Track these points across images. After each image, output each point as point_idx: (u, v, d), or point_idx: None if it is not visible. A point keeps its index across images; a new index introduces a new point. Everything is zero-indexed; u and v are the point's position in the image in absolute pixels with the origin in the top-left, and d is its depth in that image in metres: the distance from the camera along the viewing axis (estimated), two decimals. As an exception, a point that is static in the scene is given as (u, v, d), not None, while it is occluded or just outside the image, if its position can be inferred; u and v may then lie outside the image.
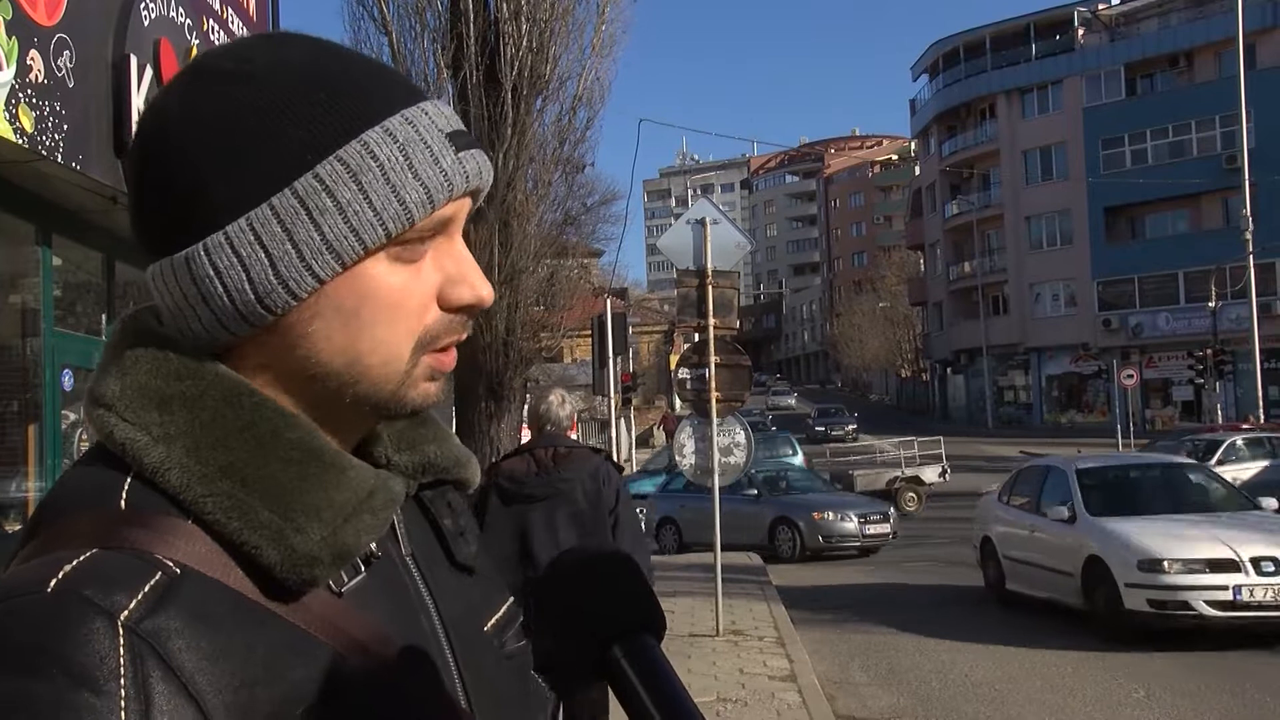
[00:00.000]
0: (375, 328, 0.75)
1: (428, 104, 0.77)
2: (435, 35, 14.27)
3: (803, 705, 7.10)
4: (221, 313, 0.73)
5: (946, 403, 59.76)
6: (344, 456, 0.76)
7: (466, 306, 0.79)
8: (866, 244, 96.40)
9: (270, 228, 0.72)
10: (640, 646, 0.78)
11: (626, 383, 28.53)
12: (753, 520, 17.79)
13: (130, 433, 0.72)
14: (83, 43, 6.05)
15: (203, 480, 0.71)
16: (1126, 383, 33.52)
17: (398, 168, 0.73)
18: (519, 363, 15.25)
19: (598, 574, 0.82)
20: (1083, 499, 10.58)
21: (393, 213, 0.73)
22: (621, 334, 20.94)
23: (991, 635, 10.08)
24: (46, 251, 6.84)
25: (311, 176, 0.72)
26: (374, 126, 0.74)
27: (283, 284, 0.72)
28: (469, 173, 0.77)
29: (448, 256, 0.78)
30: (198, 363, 0.75)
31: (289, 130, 0.72)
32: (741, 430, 9.91)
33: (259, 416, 0.74)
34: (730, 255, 9.99)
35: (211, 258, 0.73)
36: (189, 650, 0.64)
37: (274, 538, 0.70)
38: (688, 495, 18.49)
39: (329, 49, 0.78)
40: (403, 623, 0.78)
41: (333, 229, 0.72)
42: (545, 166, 15.00)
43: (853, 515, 17.36)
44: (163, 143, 0.74)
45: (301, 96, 0.73)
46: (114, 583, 0.64)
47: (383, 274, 0.75)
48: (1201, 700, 7.67)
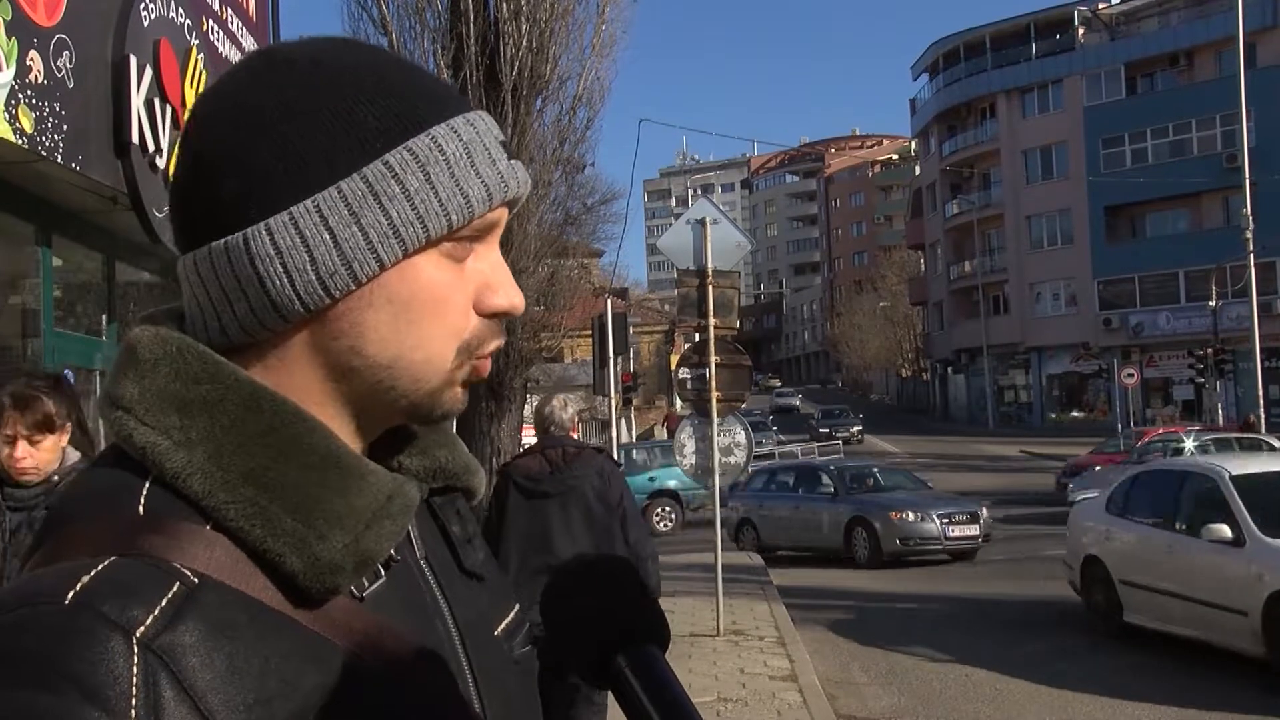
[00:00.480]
0: (422, 324, 0.76)
1: (483, 113, 0.80)
2: (435, 35, 14.28)
3: (803, 705, 7.10)
4: (278, 294, 0.73)
5: (947, 402, 59.77)
6: (363, 462, 0.76)
7: (501, 312, 0.80)
8: (867, 244, 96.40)
9: (338, 210, 0.73)
10: (644, 657, 0.78)
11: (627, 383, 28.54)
12: (828, 521, 16.64)
13: (151, 437, 0.72)
14: (82, 43, 6.05)
15: (225, 486, 0.70)
16: (1127, 382, 33.55)
17: (462, 163, 0.76)
18: (519, 363, 15.25)
19: (602, 584, 0.82)
20: (1249, 515, 8.17)
21: (456, 205, 0.75)
22: (622, 334, 20.93)
23: (992, 635, 10.07)
24: (46, 252, 6.84)
25: (380, 164, 0.74)
26: (441, 123, 0.76)
27: (346, 265, 0.73)
28: (520, 179, 0.80)
29: (485, 262, 0.80)
30: (216, 365, 0.74)
31: (361, 118, 0.74)
32: (741, 430, 9.91)
33: (280, 421, 0.73)
34: (730, 255, 9.99)
35: (275, 237, 0.73)
36: (203, 668, 0.64)
37: (297, 545, 0.70)
38: (766, 495, 17.99)
39: (394, 56, 0.81)
40: (420, 627, 0.79)
41: (400, 214, 0.73)
42: (545, 166, 15.01)
43: (934, 515, 15.68)
44: (225, 123, 0.75)
45: (372, 88, 0.75)
46: (131, 595, 0.64)
47: (434, 269, 0.76)
48: (1202, 700, 7.65)
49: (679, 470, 12.78)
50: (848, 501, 16.69)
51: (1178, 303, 43.12)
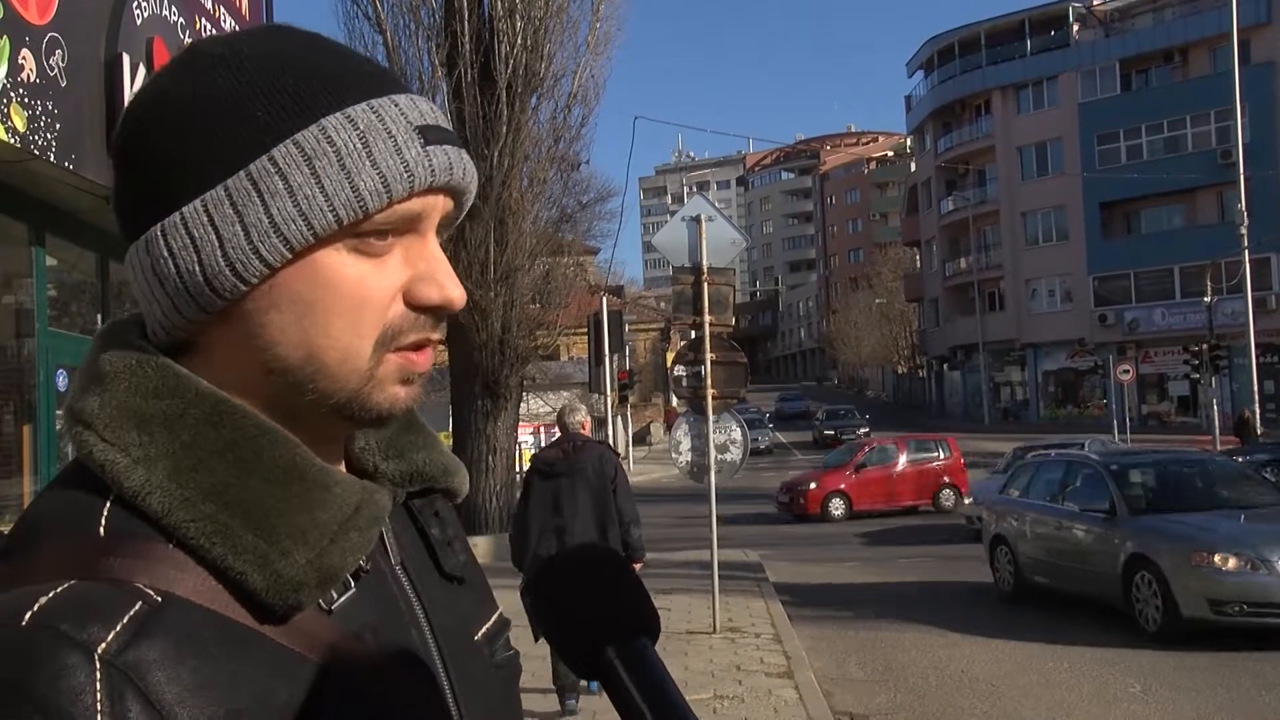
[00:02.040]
0: (332, 321, 0.73)
1: (402, 97, 0.75)
2: (430, 33, 14.29)
3: (799, 701, 7.10)
4: (175, 295, 0.73)
5: (943, 399, 59.82)
6: (328, 473, 0.75)
7: (434, 307, 0.76)
8: (862, 240, 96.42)
9: (222, 209, 0.71)
10: (635, 649, 0.78)
11: (623, 380, 28.56)
12: (1099, 554, 10.33)
13: (110, 454, 0.70)
14: (75, 42, 6.03)
15: (185, 504, 0.69)
16: (1123, 378, 33.54)
17: (354, 154, 0.71)
18: (515, 361, 15.26)
19: (593, 576, 0.81)
20: None
21: (344, 199, 0.71)
22: (618, 331, 20.96)
23: (988, 631, 10.09)
24: (40, 252, 6.82)
25: (266, 159, 0.71)
26: (336, 112, 0.72)
27: (230, 266, 0.71)
28: (436, 167, 0.74)
29: (418, 255, 0.76)
30: (176, 379, 0.73)
31: (253, 114, 0.72)
32: (737, 427, 9.91)
33: (240, 436, 0.72)
34: (726, 252, 9.98)
35: (167, 238, 0.72)
36: (170, 682, 0.62)
37: (259, 563, 0.69)
38: (1031, 505, 11.87)
39: (319, 42, 0.77)
40: (393, 635, 0.78)
41: (281, 211, 0.71)
42: (540, 164, 15.02)
43: (1274, 558, 8.91)
44: (140, 124, 0.75)
45: (271, 82, 0.72)
46: (92, 614, 0.63)
47: (340, 265, 0.73)
48: (1198, 695, 7.68)
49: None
50: (1130, 525, 10.14)
51: (1173, 299, 43.19)
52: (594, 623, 0.79)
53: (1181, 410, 43.42)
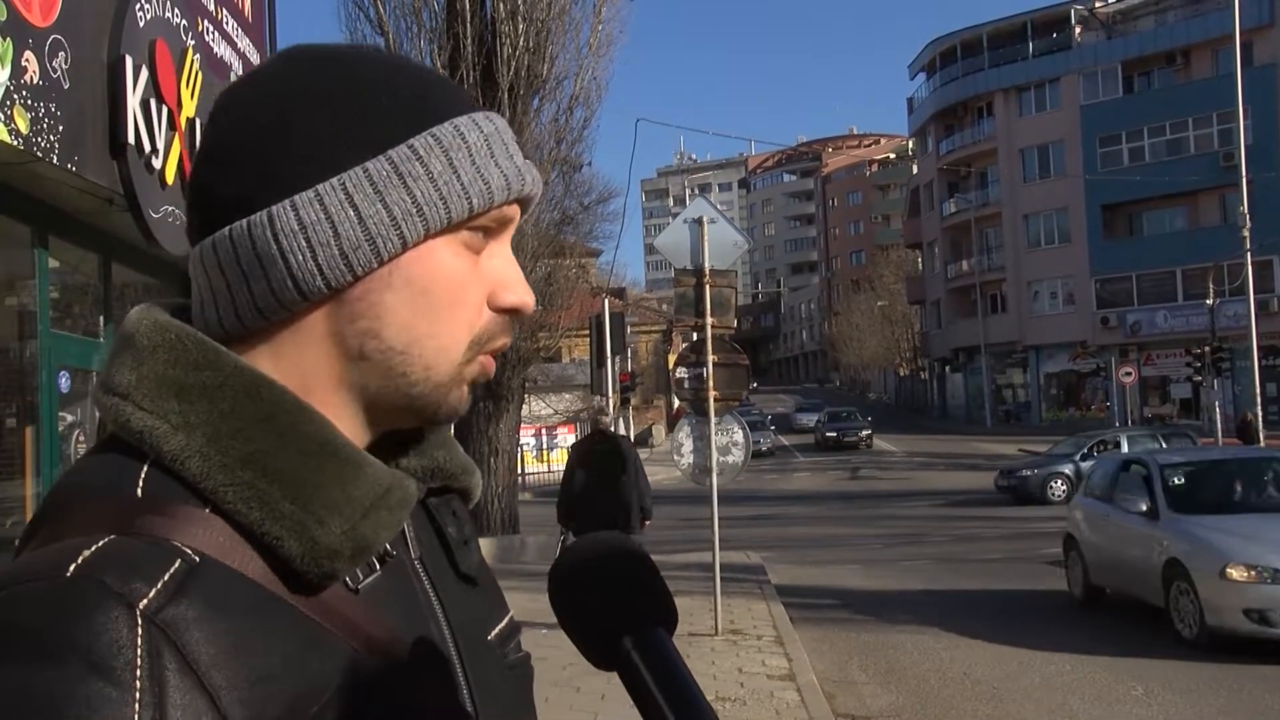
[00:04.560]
0: (439, 311, 0.77)
1: (494, 113, 0.82)
2: (432, 35, 14.30)
3: (801, 704, 7.09)
4: (300, 270, 0.73)
5: (945, 401, 59.79)
6: (361, 454, 0.76)
7: (512, 309, 0.80)
8: (864, 243, 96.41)
9: (363, 188, 0.74)
10: (652, 640, 0.77)
11: (625, 382, 28.56)
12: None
13: (149, 420, 0.71)
14: (78, 44, 6.04)
15: (223, 469, 0.70)
16: (1125, 380, 33.57)
17: (483, 152, 0.78)
18: (517, 363, 15.27)
19: (610, 566, 0.81)
20: None
21: (478, 189, 0.77)
22: (620, 333, 20.92)
23: (991, 634, 10.08)
24: (43, 253, 6.83)
25: (405, 147, 0.75)
26: (464, 115, 0.78)
27: (370, 241, 0.74)
28: (535, 176, 0.82)
29: (499, 258, 0.81)
30: (215, 353, 0.74)
31: (390, 105, 0.76)
32: (739, 429, 9.91)
33: (278, 409, 0.73)
34: (728, 254, 9.98)
35: (299, 212, 0.73)
36: (206, 642, 0.63)
37: (295, 529, 0.70)
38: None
39: (410, 59, 0.84)
40: (414, 625, 0.78)
41: (424, 194, 0.75)
42: (542, 166, 15.01)
43: None
44: (250, 111, 0.76)
45: (396, 79, 0.78)
46: (133, 569, 0.63)
47: (451, 257, 0.77)
48: (1199, 698, 7.66)
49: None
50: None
51: (1175, 301, 43.17)
52: (611, 612, 0.78)
53: (1184, 412, 43.35)
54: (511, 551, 14.50)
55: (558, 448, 33.85)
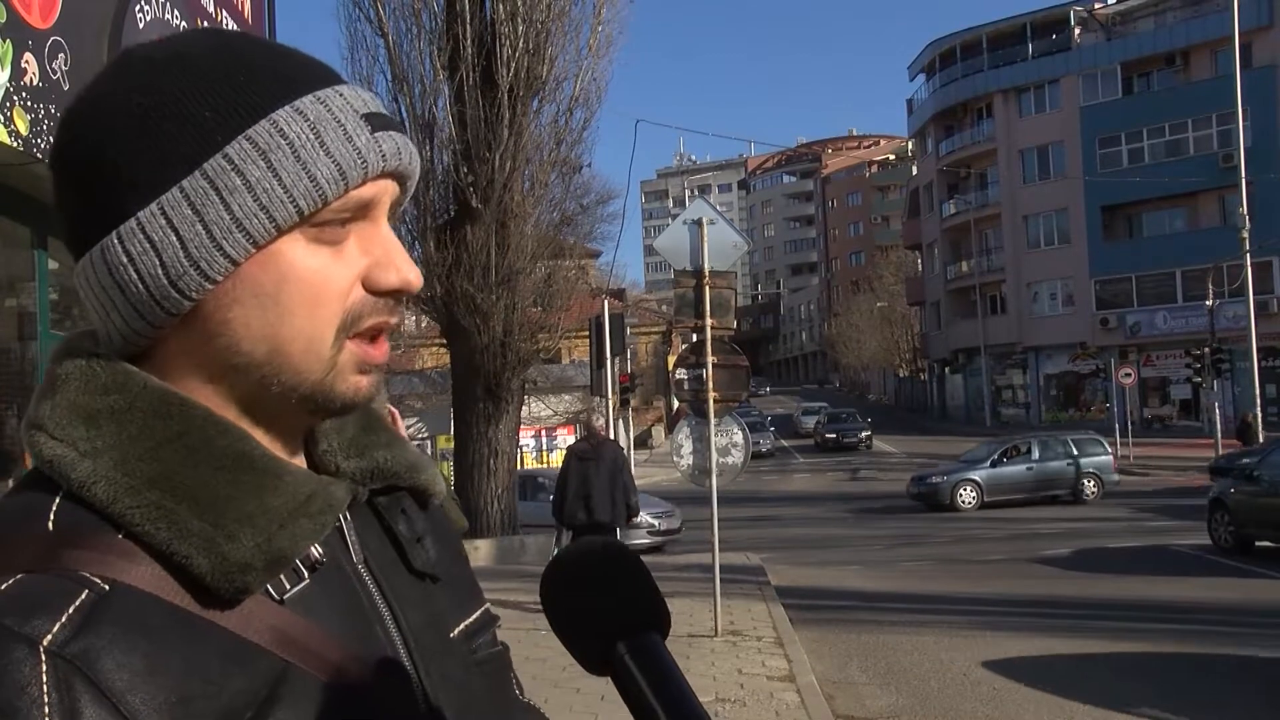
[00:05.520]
0: (296, 312, 0.74)
1: (344, 87, 0.77)
2: (432, 37, 14.30)
3: (801, 705, 7.09)
4: (138, 301, 0.73)
5: (945, 402, 59.77)
6: (278, 462, 0.75)
7: (393, 290, 0.78)
8: (864, 244, 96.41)
9: (180, 210, 0.71)
10: (646, 644, 0.77)
11: (625, 383, 28.51)
12: None
13: (57, 449, 0.71)
14: (78, 45, 6.04)
15: (130, 491, 0.69)
16: (1124, 381, 33.55)
17: (308, 145, 0.73)
18: (516, 364, 15.25)
19: (603, 572, 0.81)
20: None
21: (303, 189, 0.72)
22: (619, 334, 20.92)
23: (991, 633, 10.07)
24: (42, 255, 6.83)
25: (220, 157, 0.72)
26: (285, 106, 0.73)
27: (194, 265, 0.71)
28: (385, 152, 0.76)
29: (373, 240, 0.77)
30: (126, 375, 0.74)
31: (200, 114, 0.72)
32: (739, 430, 9.90)
33: (189, 425, 0.73)
34: (727, 255, 9.98)
35: (125, 244, 0.72)
36: (119, 669, 0.63)
37: (204, 546, 0.69)
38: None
39: (259, 41, 0.78)
40: (354, 629, 0.77)
41: (242, 207, 0.71)
42: (542, 167, 15.02)
43: None
44: (82, 132, 0.74)
45: (215, 81, 0.73)
46: (35, 607, 0.63)
47: (301, 256, 0.74)
48: (1202, 700, 7.66)
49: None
50: None
51: (1175, 302, 43.15)
52: (604, 618, 0.78)
53: (1183, 413, 43.38)
54: (511, 552, 14.51)
55: (557, 449, 33.84)
